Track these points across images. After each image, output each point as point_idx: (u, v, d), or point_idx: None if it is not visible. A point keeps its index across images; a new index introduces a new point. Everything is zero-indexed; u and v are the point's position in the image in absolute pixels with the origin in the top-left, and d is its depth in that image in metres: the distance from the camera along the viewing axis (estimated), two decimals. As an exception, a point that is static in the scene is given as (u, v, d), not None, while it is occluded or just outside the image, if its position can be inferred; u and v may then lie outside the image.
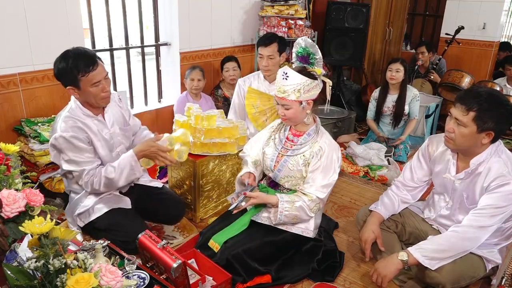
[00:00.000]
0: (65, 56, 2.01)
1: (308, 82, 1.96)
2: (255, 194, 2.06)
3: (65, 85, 2.06)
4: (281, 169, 2.12)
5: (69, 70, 1.98)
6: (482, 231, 1.87)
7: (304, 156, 2.07)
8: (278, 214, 2.03)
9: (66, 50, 2.04)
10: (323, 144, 2.08)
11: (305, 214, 2.05)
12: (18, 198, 1.33)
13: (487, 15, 5.18)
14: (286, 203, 2.03)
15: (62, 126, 2.05)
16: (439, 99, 4.46)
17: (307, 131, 2.11)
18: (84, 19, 2.98)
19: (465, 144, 1.90)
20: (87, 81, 2.01)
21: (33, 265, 1.12)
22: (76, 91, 2.05)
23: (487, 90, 1.89)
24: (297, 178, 2.10)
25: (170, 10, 3.54)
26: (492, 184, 1.85)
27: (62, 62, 2.00)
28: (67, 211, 2.31)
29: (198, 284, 1.84)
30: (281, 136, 2.17)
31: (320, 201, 2.06)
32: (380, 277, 1.93)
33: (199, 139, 2.54)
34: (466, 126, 1.84)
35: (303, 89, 1.95)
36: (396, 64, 3.73)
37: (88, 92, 2.04)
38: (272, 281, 2.05)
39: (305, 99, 1.98)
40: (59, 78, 2.06)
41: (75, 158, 2.07)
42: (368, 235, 2.16)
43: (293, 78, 1.94)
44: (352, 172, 3.50)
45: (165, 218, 2.49)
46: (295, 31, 4.14)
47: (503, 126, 1.84)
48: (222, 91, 3.83)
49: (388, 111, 3.86)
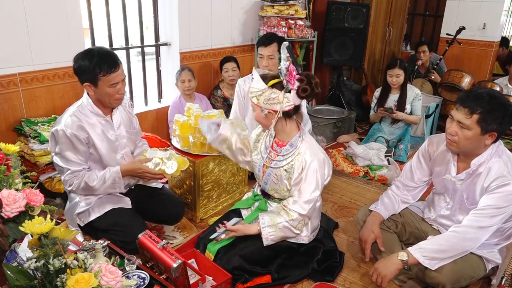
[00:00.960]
0: (89, 54, 2.05)
1: (269, 92, 1.87)
2: (235, 227, 2.05)
3: (83, 81, 2.09)
4: (267, 182, 2.09)
5: (92, 68, 2.02)
6: (482, 232, 1.87)
7: (286, 171, 1.99)
8: (264, 240, 1.99)
9: (89, 48, 2.11)
10: (305, 157, 1.95)
11: (292, 232, 2.01)
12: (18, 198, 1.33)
13: (487, 15, 5.18)
14: (268, 228, 1.99)
15: (68, 121, 2.08)
16: (439, 99, 4.46)
17: (290, 141, 2.00)
18: (84, 19, 2.98)
19: (468, 147, 1.89)
20: (106, 81, 2.05)
21: (33, 265, 1.12)
22: (92, 88, 2.09)
23: (488, 91, 1.88)
24: (284, 190, 2.06)
25: (170, 10, 3.54)
26: (493, 185, 1.85)
27: (85, 60, 2.04)
28: (66, 211, 2.31)
29: (198, 284, 1.84)
30: (266, 143, 2.11)
31: (303, 217, 1.98)
32: (380, 277, 1.93)
33: (199, 139, 2.54)
34: (470, 129, 1.83)
35: (262, 97, 1.89)
36: (395, 69, 3.71)
37: (104, 91, 2.08)
38: (273, 281, 2.06)
39: (265, 108, 1.90)
40: (78, 73, 2.09)
41: (66, 155, 2.10)
42: (368, 235, 2.16)
43: (256, 82, 1.90)
44: (352, 172, 3.50)
45: (165, 218, 2.49)
46: (295, 31, 4.14)
47: (505, 126, 1.84)
48: (222, 92, 3.83)
49: None
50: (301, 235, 2.10)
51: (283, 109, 1.88)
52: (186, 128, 2.64)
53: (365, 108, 4.91)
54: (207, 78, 3.98)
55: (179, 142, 2.67)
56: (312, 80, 1.80)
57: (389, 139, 3.91)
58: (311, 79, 1.80)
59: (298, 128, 2.03)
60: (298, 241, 2.11)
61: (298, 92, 1.82)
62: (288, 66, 1.81)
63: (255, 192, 2.24)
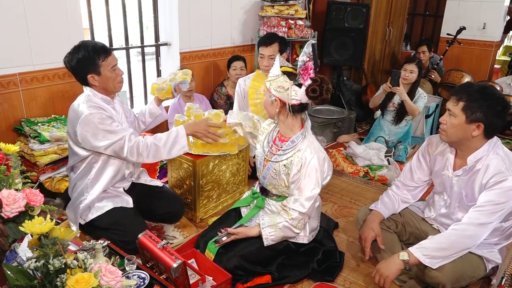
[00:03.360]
0: (80, 47, 2.10)
1: (281, 79, 1.90)
2: (236, 230, 2.06)
3: (85, 74, 2.11)
4: (266, 176, 2.10)
5: (91, 56, 2.08)
6: (482, 228, 1.87)
7: (285, 166, 2.01)
8: (264, 241, 2.00)
9: (75, 45, 2.13)
10: (306, 154, 1.95)
11: (292, 232, 2.01)
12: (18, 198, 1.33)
13: (487, 15, 5.18)
14: (268, 228, 1.99)
15: (85, 107, 2.09)
16: (439, 99, 4.46)
17: (292, 137, 2.01)
18: (84, 19, 2.98)
19: (456, 135, 1.92)
20: (106, 65, 2.12)
21: (33, 265, 1.12)
22: (96, 78, 2.13)
23: (481, 84, 1.93)
24: (282, 186, 2.06)
25: (170, 10, 3.54)
26: (491, 181, 1.86)
27: (81, 52, 2.08)
28: (69, 207, 2.31)
29: (198, 284, 1.84)
30: (269, 137, 2.13)
31: (303, 216, 1.98)
32: (382, 278, 1.93)
33: (199, 139, 2.54)
34: (456, 116, 1.88)
35: (275, 83, 1.92)
36: (411, 65, 3.68)
37: (107, 77, 2.14)
38: (273, 281, 2.06)
39: (274, 94, 1.93)
40: (79, 68, 2.11)
41: (110, 128, 2.08)
42: (368, 233, 2.16)
43: (274, 68, 1.95)
44: (352, 172, 3.50)
45: (165, 216, 2.49)
46: (295, 31, 4.15)
47: (493, 119, 1.84)
48: (226, 89, 3.85)
49: (392, 107, 3.85)
50: (300, 235, 2.10)
51: (290, 102, 1.90)
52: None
53: (365, 108, 4.91)
54: (207, 78, 3.98)
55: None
56: (325, 84, 1.83)
57: (389, 140, 3.90)
58: (324, 83, 1.83)
59: (302, 126, 2.03)
60: (297, 240, 2.11)
61: (307, 90, 1.84)
62: (307, 62, 1.84)
63: (254, 190, 2.25)
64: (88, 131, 2.06)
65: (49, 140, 2.55)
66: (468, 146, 1.94)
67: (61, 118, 2.81)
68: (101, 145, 2.08)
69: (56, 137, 2.59)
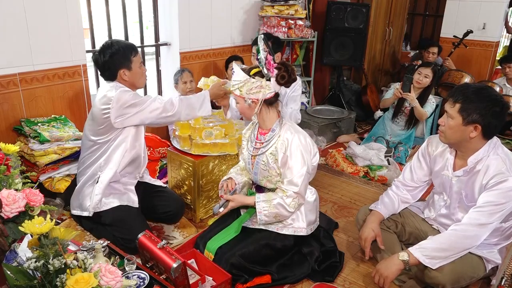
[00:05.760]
0: (113, 43, 2.19)
1: (251, 81, 1.94)
2: (232, 197, 2.08)
3: (118, 68, 2.18)
4: (257, 172, 2.12)
5: (125, 51, 2.18)
6: (482, 229, 1.87)
7: (271, 154, 2.05)
8: (257, 215, 2.03)
9: (105, 42, 2.22)
10: (287, 135, 2.02)
11: (285, 210, 2.02)
12: (18, 198, 1.33)
13: (487, 15, 5.18)
14: (263, 203, 2.02)
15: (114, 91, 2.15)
16: (439, 99, 4.46)
17: (272, 126, 2.07)
18: (84, 19, 2.98)
19: (454, 137, 1.92)
20: (136, 60, 2.23)
21: (33, 265, 1.12)
22: (126, 73, 2.21)
23: (479, 85, 1.93)
24: (274, 176, 2.08)
25: (170, 10, 3.54)
26: (491, 182, 1.86)
27: (114, 47, 2.16)
28: (75, 194, 2.35)
29: (198, 284, 1.84)
30: (252, 137, 2.16)
31: (297, 196, 2.01)
32: (382, 278, 1.93)
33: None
34: (453, 117, 1.88)
35: (245, 87, 1.95)
36: (427, 69, 3.58)
37: (137, 72, 2.24)
38: (272, 282, 2.06)
39: (248, 98, 1.96)
40: (111, 62, 2.17)
41: (142, 98, 2.20)
42: (368, 233, 2.16)
43: (236, 75, 1.98)
44: (352, 172, 3.50)
45: (165, 216, 2.50)
46: (295, 31, 4.14)
47: (490, 120, 1.83)
48: None
49: (404, 112, 3.82)
50: (300, 225, 2.11)
51: (265, 97, 1.96)
52: (186, 128, 2.65)
53: (365, 108, 4.91)
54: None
55: (178, 142, 2.67)
56: (289, 67, 1.94)
57: (390, 140, 3.89)
58: (287, 66, 1.94)
59: (278, 115, 2.10)
60: (296, 233, 2.12)
61: (277, 79, 1.93)
62: (266, 55, 1.92)
63: (251, 191, 2.25)
64: (126, 102, 2.14)
65: (49, 140, 2.55)
66: (468, 147, 1.94)
67: (61, 118, 2.81)
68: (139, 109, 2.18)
69: (56, 137, 2.59)
